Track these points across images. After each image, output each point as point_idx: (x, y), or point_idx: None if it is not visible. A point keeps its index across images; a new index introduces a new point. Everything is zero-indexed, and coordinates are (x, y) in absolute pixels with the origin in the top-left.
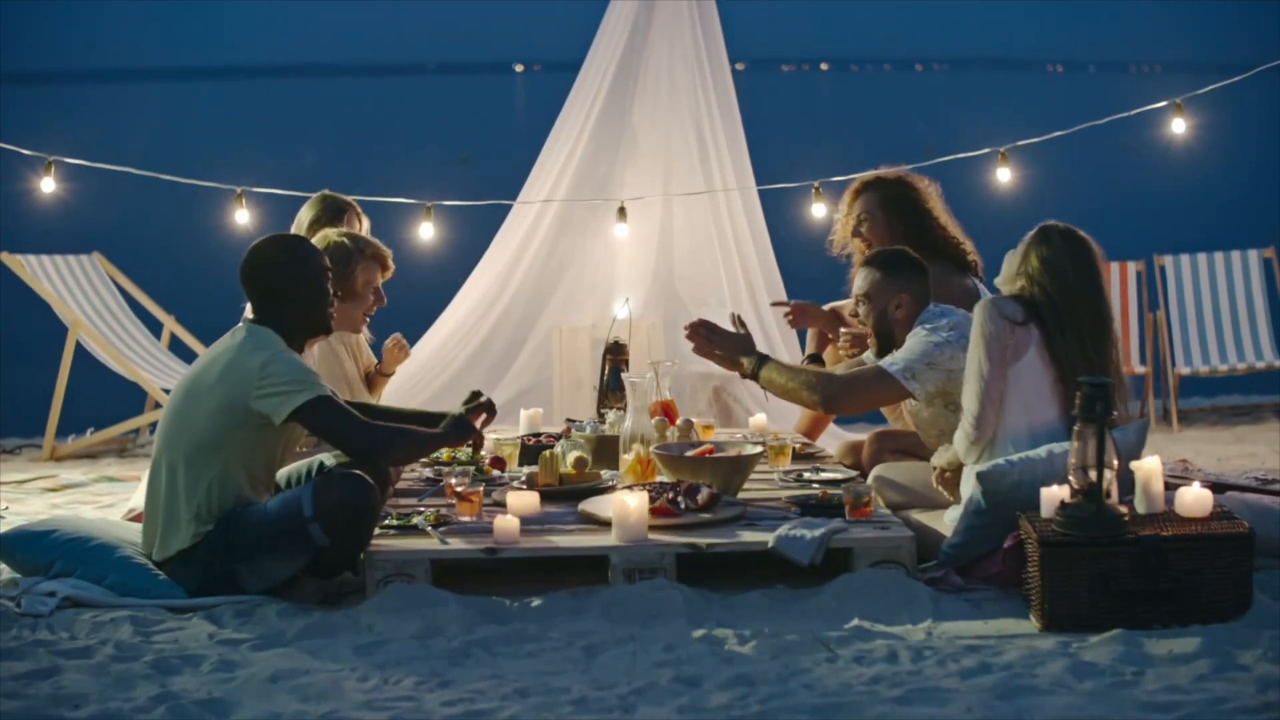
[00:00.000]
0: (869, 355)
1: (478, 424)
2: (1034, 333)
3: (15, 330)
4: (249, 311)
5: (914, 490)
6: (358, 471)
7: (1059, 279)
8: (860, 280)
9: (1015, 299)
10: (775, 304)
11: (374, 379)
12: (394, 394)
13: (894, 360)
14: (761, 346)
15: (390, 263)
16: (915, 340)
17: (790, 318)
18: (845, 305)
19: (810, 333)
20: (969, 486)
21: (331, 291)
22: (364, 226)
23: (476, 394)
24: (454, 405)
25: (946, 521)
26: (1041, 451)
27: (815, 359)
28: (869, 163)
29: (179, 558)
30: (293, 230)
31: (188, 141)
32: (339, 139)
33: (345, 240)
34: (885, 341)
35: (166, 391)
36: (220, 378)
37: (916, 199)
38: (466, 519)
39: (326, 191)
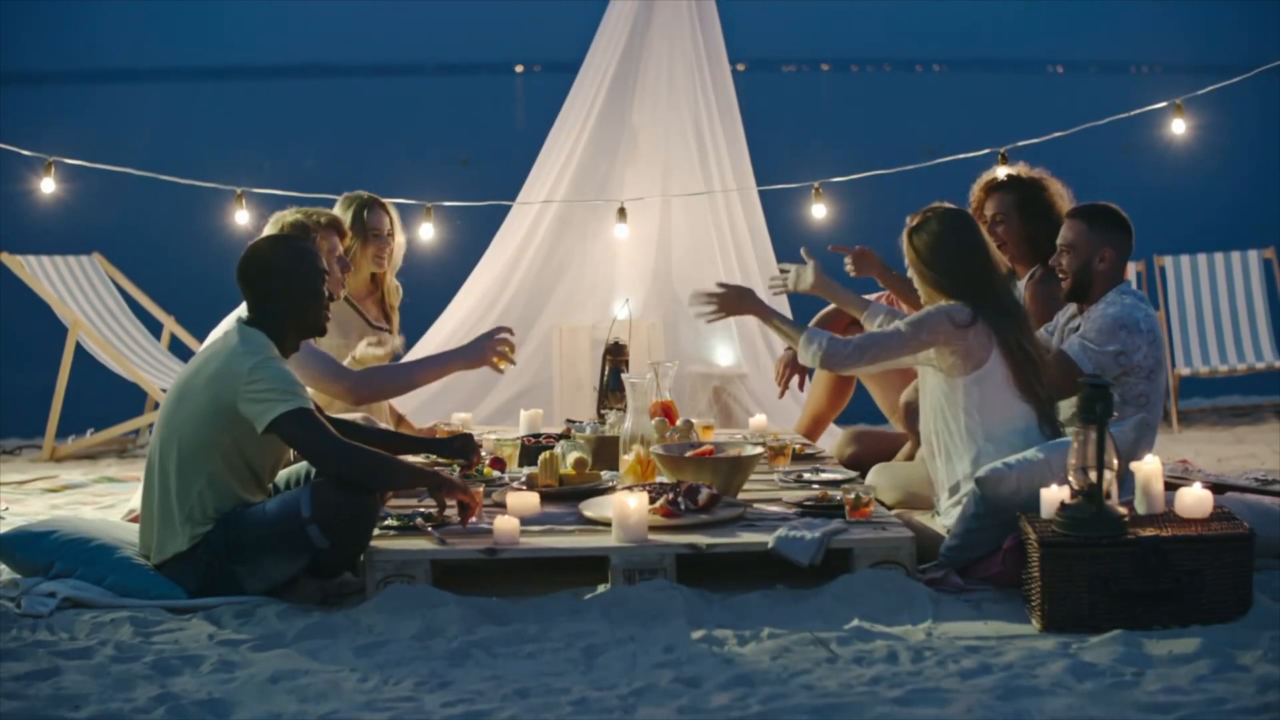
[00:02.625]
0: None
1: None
2: (989, 330)
3: (15, 330)
4: (242, 309)
5: (912, 491)
6: None
7: (947, 257)
8: (1065, 230)
9: (961, 307)
10: (835, 248)
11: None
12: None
13: (1085, 350)
14: (760, 348)
15: (345, 228)
16: (1106, 319)
17: (851, 265)
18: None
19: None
20: (950, 497)
21: (327, 294)
22: (394, 222)
23: (467, 439)
24: (452, 407)
25: (940, 524)
26: (1039, 453)
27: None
28: (869, 163)
29: (176, 560)
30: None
31: (188, 142)
32: (339, 139)
33: (300, 217)
34: (1082, 294)
35: (166, 392)
36: (211, 380)
37: (1051, 202)
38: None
39: (363, 193)
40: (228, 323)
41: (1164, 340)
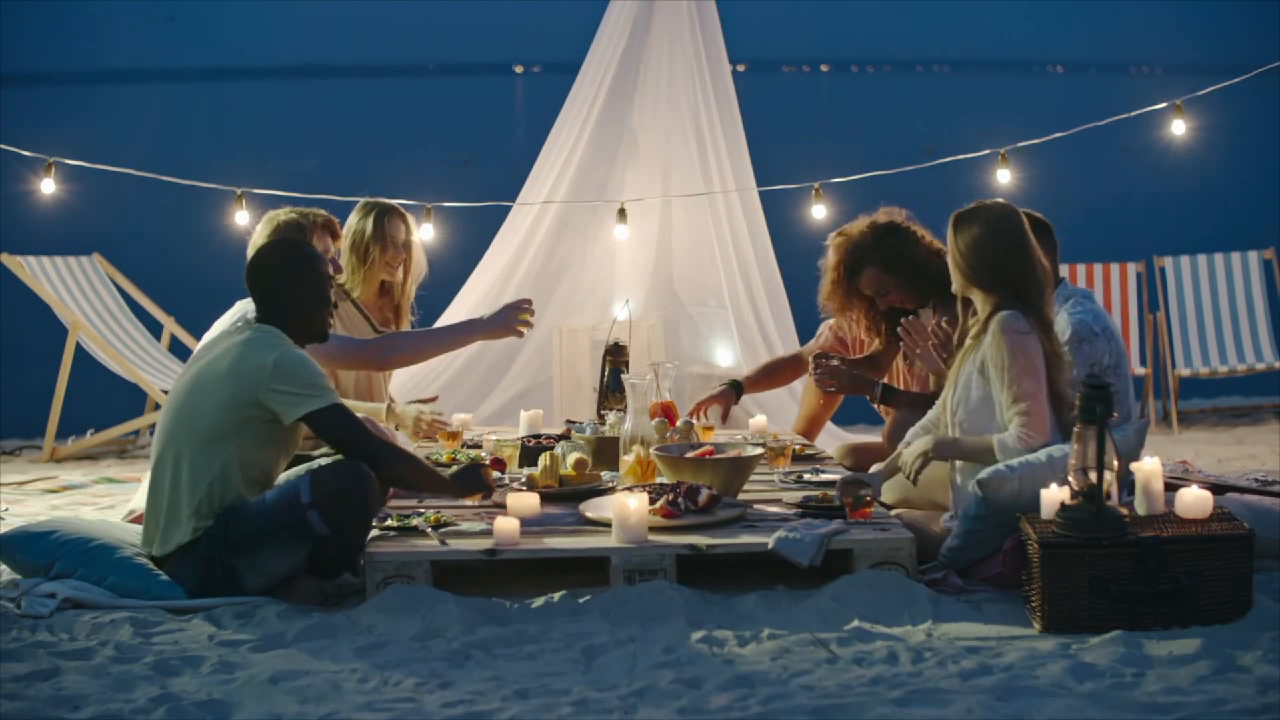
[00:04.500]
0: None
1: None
2: (1038, 343)
3: (15, 331)
4: (238, 308)
5: (912, 491)
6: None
7: (989, 257)
8: None
9: (1018, 314)
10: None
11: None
12: (395, 394)
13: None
14: (760, 348)
15: (338, 229)
16: (1068, 349)
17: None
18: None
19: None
20: (965, 489)
21: (331, 299)
22: (411, 231)
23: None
24: (452, 407)
25: (942, 524)
26: (1041, 455)
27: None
28: (870, 164)
29: (179, 553)
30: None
31: (188, 142)
32: (339, 140)
33: (295, 217)
34: None
35: (166, 392)
36: (230, 372)
37: (905, 238)
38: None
39: (383, 200)
40: (225, 321)
41: (1116, 325)
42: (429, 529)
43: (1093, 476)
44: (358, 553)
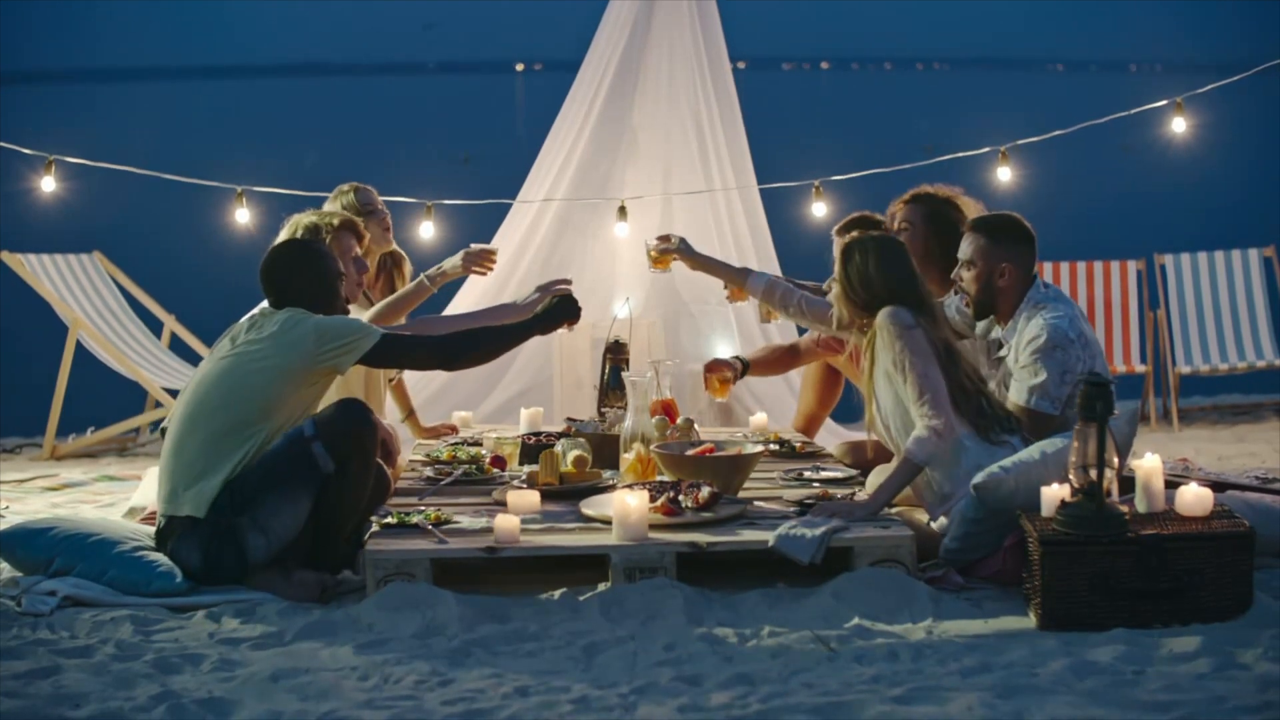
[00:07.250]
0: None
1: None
2: (925, 335)
3: (15, 330)
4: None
5: (911, 490)
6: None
7: (878, 288)
8: (965, 245)
9: (900, 308)
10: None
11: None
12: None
13: (1035, 393)
14: (760, 346)
15: (362, 229)
16: (1038, 351)
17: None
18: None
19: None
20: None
21: (341, 293)
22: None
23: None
24: (453, 405)
25: (935, 527)
26: (1035, 453)
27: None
28: (870, 161)
29: (187, 522)
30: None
31: (189, 141)
32: (339, 138)
33: (315, 219)
34: (985, 310)
35: (167, 390)
36: (274, 348)
37: (959, 223)
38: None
39: (356, 185)
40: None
41: (1093, 330)
42: (429, 526)
43: (1093, 474)
44: (360, 513)
